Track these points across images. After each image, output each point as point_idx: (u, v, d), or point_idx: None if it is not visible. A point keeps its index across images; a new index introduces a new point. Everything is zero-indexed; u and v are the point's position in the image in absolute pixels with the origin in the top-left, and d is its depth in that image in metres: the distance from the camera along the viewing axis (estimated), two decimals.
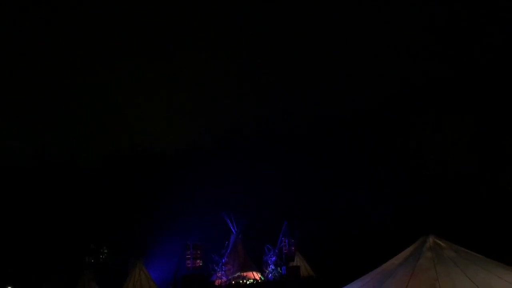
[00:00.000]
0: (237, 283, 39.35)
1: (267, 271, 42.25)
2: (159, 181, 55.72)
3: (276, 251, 43.52)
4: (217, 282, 39.70)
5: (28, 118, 59.09)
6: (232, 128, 62.92)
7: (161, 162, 59.61)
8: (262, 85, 66.00)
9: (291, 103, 65.59)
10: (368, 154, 56.61)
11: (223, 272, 40.57)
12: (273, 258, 42.64)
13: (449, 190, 47.78)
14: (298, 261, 43.52)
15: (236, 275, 41.04)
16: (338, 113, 59.76)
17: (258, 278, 41.12)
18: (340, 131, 58.57)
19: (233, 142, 61.09)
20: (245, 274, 41.43)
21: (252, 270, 42.15)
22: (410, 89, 55.57)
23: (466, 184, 47.77)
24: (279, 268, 42.07)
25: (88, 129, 63.00)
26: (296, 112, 64.86)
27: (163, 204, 51.78)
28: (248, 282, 39.59)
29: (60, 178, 52.95)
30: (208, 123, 67.38)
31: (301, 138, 61.82)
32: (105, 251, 52.34)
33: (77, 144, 61.33)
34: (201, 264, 45.75)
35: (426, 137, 52.50)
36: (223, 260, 41.21)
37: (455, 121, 50.02)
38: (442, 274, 10.74)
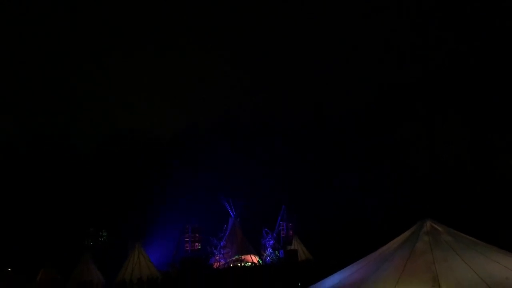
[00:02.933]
0: (235, 266, 39.62)
1: (265, 255, 42.53)
2: (157, 165, 55.80)
3: (274, 235, 43.77)
4: (216, 265, 39.97)
5: (25, 103, 58.83)
6: (230, 113, 62.80)
7: (159, 146, 59.61)
8: (260, 73, 65.76)
9: (288, 91, 65.43)
10: (365, 141, 56.77)
11: (221, 255, 40.81)
12: (271, 242, 42.89)
13: (446, 178, 48.04)
14: (296, 244, 43.80)
15: (234, 258, 41.29)
16: (335, 103, 59.77)
17: (256, 261, 41.40)
18: (338, 119, 58.61)
19: (231, 127, 61.04)
20: (243, 257, 41.67)
21: (250, 253, 42.40)
22: (406, 82, 55.65)
23: (462, 172, 48.04)
24: (277, 252, 42.35)
25: (86, 113, 62.79)
26: (293, 99, 64.74)
27: (161, 188, 51.89)
28: (246, 265, 39.86)
29: (58, 162, 52.96)
30: (206, 108, 67.22)
31: (299, 124, 61.80)
32: (104, 234, 52.64)
33: (75, 128, 61.20)
34: (199, 247, 46.03)
35: (422, 128, 52.66)
36: (222, 244, 41.42)
37: (451, 113, 50.15)
38: (439, 258, 10.81)
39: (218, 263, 40.17)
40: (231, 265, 39.88)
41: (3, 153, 52.00)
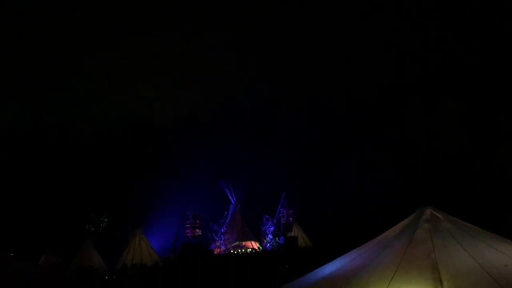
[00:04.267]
0: (235, 252, 39.85)
1: (265, 241, 42.76)
2: (159, 152, 55.79)
3: (275, 221, 43.95)
4: (216, 251, 40.21)
5: (27, 86, 58.64)
6: (231, 99, 62.61)
7: (160, 132, 59.56)
8: (262, 59, 65.41)
9: (292, 76, 65.15)
10: (364, 129, 56.77)
11: (222, 241, 41.03)
12: (272, 228, 43.09)
13: (445, 165, 48.10)
14: (295, 231, 44.04)
15: (234, 244, 41.53)
16: (336, 90, 59.59)
17: (256, 248, 41.63)
18: (338, 107, 58.52)
19: (231, 113, 60.91)
20: (243, 243, 41.91)
21: (250, 239, 42.62)
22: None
23: (461, 160, 48.10)
24: (277, 238, 42.56)
25: (88, 98, 62.61)
26: (295, 85, 64.49)
27: (162, 174, 51.93)
28: (246, 251, 40.09)
29: (60, 147, 52.96)
30: (207, 94, 66.98)
31: (300, 111, 61.65)
32: (105, 220, 52.81)
33: (77, 113, 61.12)
34: (200, 233, 46.25)
35: (421, 116, 52.66)
36: (222, 230, 41.62)
37: (450, 101, 50.10)
38: (438, 245, 10.83)
39: (219, 249, 40.39)
40: (232, 251, 40.09)
41: (4, 139, 52.00)
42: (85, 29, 60.72)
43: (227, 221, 43.04)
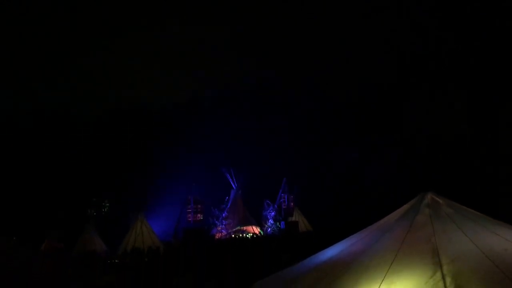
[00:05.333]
0: (237, 237, 40.13)
1: (266, 226, 43.04)
2: (159, 137, 55.84)
3: (276, 206, 44.20)
4: (218, 235, 40.53)
5: (27, 72, 58.43)
6: (232, 84, 62.44)
7: (161, 116, 59.51)
8: (263, 45, 65.08)
9: (292, 63, 64.89)
10: (365, 115, 56.73)
11: (223, 226, 41.35)
12: (272, 213, 43.36)
13: (447, 152, 48.16)
14: (296, 216, 44.33)
15: (236, 229, 41.83)
16: (336, 76, 59.40)
17: (257, 232, 41.94)
18: (338, 94, 58.39)
19: (233, 98, 60.78)
20: (244, 228, 42.22)
21: (251, 224, 42.93)
22: (408, 55, 55.27)
23: (464, 146, 48.15)
24: (278, 223, 42.86)
25: (88, 83, 62.45)
26: (296, 72, 64.23)
27: (163, 159, 52.08)
28: (247, 236, 40.38)
29: (60, 133, 52.99)
30: (208, 79, 66.75)
31: (301, 97, 61.53)
32: (107, 204, 53.11)
33: (77, 98, 60.99)
34: (201, 218, 46.49)
35: (424, 101, 52.55)
36: (224, 215, 41.89)
37: (454, 87, 49.98)
38: (439, 230, 10.85)
39: (220, 234, 40.71)
40: (233, 235, 40.40)
41: (5, 123, 52.00)
42: (86, 15, 60.32)
43: (228, 206, 43.32)
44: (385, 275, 9.85)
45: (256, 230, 42.50)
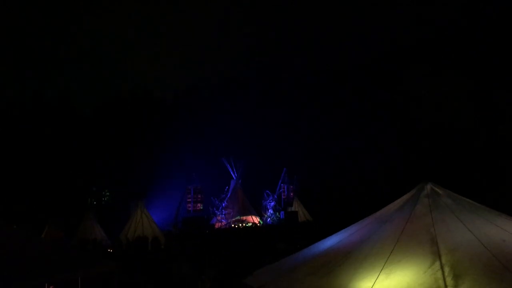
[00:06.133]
0: (236, 226, 40.29)
1: (265, 216, 43.16)
2: (160, 126, 55.81)
3: (275, 196, 44.29)
4: (217, 225, 40.65)
5: (28, 60, 58.29)
6: (233, 73, 62.29)
7: (161, 106, 59.46)
8: (264, 32, 64.78)
9: (293, 51, 64.68)
10: (365, 105, 56.67)
11: (223, 215, 41.44)
12: (272, 203, 43.46)
13: (447, 142, 48.18)
14: (296, 206, 44.39)
15: (235, 219, 41.95)
16: (337, 64, 59.23)
17: (257, 222, 42.07)
18: (339, 82, 58.25)
19: (234, 88, 60.67)
20: (244, 218, 42.33)
21: (251, 214, 43.03)
22: (407, 43, 55.11)
23: (464, 136, 48.17)
24: (277, 213, 42.96)
25: (88, 72, 62.30)
26: (297, 60, 64.04)
27: (164, 148, 52.10)
28: (247, 226, 40.54)
29: (60, 121, 52.95)
30: (209, 68, 66.62)
31: (302, 87, 61.39)
32: (107, 193, 53.19)
33: (77, 87, 60.93)
34: (201, 208, 46.61)
35: (423, 88, 52.48)
36: (223, 204, 41.98)
37: (452, 73, 49.85)
38: (438, 220, 10.91)
39: (220, 223, 40.84)
40: (233, 225, 40.55)
41: (4, 112, 51.96)
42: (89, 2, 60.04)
43: (228, 196, 43.40)
44: (384, 265, 9.93)
45: (256, 220, 42.62)
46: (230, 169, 45.69)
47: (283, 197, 48.19)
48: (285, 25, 63.91)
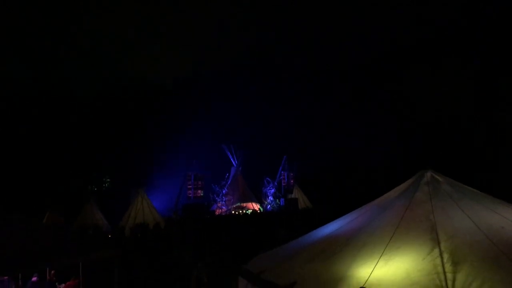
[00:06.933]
0: (236, 213, 40.46)
1: (266, 203, 43.32)
2: (161, 112, 55.71)
3: (275, 183, 44.42)
4: (218, 211, 40.81)
5: (29, 47, 57.89)
6: (233, 60, 61.94)
7: (162, 92, 59.26)
8: (265, 19, 64.24)
9: (293, 40, 64.24)
10: (366, 94, 56.56)
11: (223, 202, 41.59)
12: (272, 190, 43.61)
13: (447, 129, 48.20)
14: (296, 193, 44.54)
15: (236, 206, 42.10)
16: (339, 54, 58.92)
17: (257, 209, 42.23)
18: (340, 72, 58.03)
19: (234, 75, 60.43)
20: (244, 204, 42.48)
21: (251, 201, 43.18)
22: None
23: (464, 124, 48.19)
24: (277, 200, 43.12)
25: (88, 58, 61.93)
26: (298, 49, 63.64)
27: (164, 135, 52.07)
28: (247, 212, 40.70)
29: (61, 108, 52.85)
30: (209, 55, 66.18)
31: (302, 75, 61.17)
32: (108, 180, 53.28)
33: (78, 74, 60.63)
34: (202, 195, 46.81)
35: (425, 79, 52.36)
36: (224, 191, 42.10)
37: (452, 64, 49.74)
38: (438, 207, 10.94)
39: (220, 210, 41.00)
40: (233, 212, 40.70)
41: (7, 98, 51.82)
42: None
43: (228, 182, 43.51)
44: (383, 251, 9.97)
45: (256, 206, 42.79)
46: (230, 156, 45.78)
47: (283, 184, 48.38)
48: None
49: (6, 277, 14.29)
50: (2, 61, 53.66)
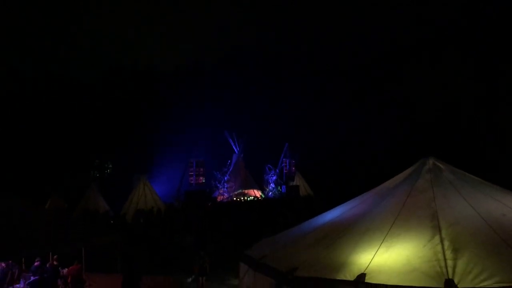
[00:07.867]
0: (238, 200, 40.59)
1: (267, 190, 43.44)
2: (164, 99, 55.57)
3: (277, 171, 44.50)
4: (219, 198, 40.95)
5: (32, 34, 57.66)
6: (236, 48, 61.60)
7: (164, 79, 59.06)
8: (267, 8, 63.79)
9: (296, 28, 63.80)
10: (367, 81, 56.37)
11: (225, 189, 41.71)
12: (274, 177, 43.71)
13: (449, 117, 48.14)
14: (297, 180, 44.58)
15: (237, 192, 42.23)
16: (340, 45, 58.56)
17: (258, 196, 42.35)
18: (341, 62, 57.74)
19: (237, 63, 60.11)
20: (246, 191, 42.60)
21: (253, 188, 43.29)
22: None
23: (465, 112, 48.11)
24: (279, 187, 43.23)
25: (91, 45, 61.69)
26: (300, 38, 63.24)
27: (166, 122, 52.01)
28: (248, 199, 40.83)
29: (63, 94, 52.75)
30: (211, 42, 65.87)
31: (304, 63, 60.86)
32: (110, 166, 53.35)
33: (79, 60, 60.43)
34: (203, 181, 46.93)
35: (425, 68, 52.15)
36: (225, 178, 42.19)
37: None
38: (439, 195, 10.95)
39: (222, 197, 41.13)
40: (234, 198, 40.82)
41: (9, 84, 51.75)
42: None
43: (230, 169, 43.59)
44: (385, 238, 10.00)
45: (258, 193, 42.90)
46: (232, 143, 45.79)
47: (284, 171, 48.44)
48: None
49: (10, 261, 14.41)
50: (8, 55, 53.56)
